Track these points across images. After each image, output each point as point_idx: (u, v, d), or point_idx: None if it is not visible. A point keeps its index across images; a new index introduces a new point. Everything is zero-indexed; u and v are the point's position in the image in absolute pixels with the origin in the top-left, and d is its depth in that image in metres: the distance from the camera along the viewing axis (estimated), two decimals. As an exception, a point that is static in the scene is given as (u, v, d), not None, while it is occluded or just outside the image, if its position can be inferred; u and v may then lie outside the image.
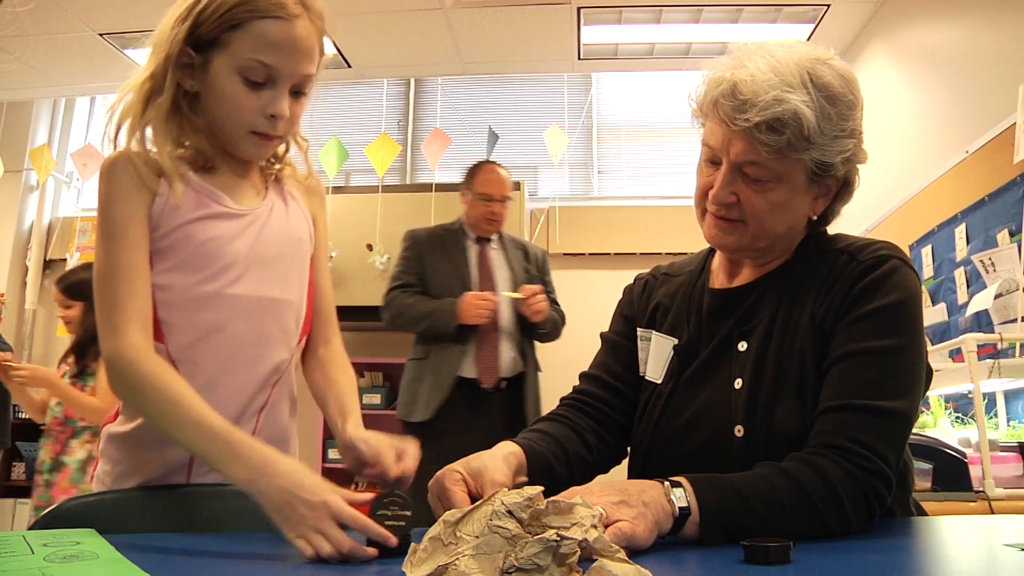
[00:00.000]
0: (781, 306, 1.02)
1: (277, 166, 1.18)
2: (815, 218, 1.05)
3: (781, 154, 0.95)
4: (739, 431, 0.98)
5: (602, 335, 1.24)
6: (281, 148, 1.17)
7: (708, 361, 1.06)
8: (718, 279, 1.13)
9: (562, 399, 1.19)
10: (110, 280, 1.00)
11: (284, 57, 1.03)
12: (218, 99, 1.04)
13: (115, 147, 1.07)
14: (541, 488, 0.57)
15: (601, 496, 0.79)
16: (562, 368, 4.83)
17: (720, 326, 1.07)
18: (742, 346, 1.03)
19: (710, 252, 1.17)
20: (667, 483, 0.83)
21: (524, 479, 0.98)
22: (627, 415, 1.14)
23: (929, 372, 1.01)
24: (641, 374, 1.14)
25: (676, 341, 1.10)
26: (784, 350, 0.99)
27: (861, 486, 0.86)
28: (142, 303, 1.01)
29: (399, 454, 0.99)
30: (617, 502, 0.78)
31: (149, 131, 1.06)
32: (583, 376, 1.21)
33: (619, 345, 1.19)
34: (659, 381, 1.10)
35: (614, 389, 1.16)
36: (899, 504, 1.03)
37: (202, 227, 1.06)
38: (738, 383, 1.01)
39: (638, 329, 1.16)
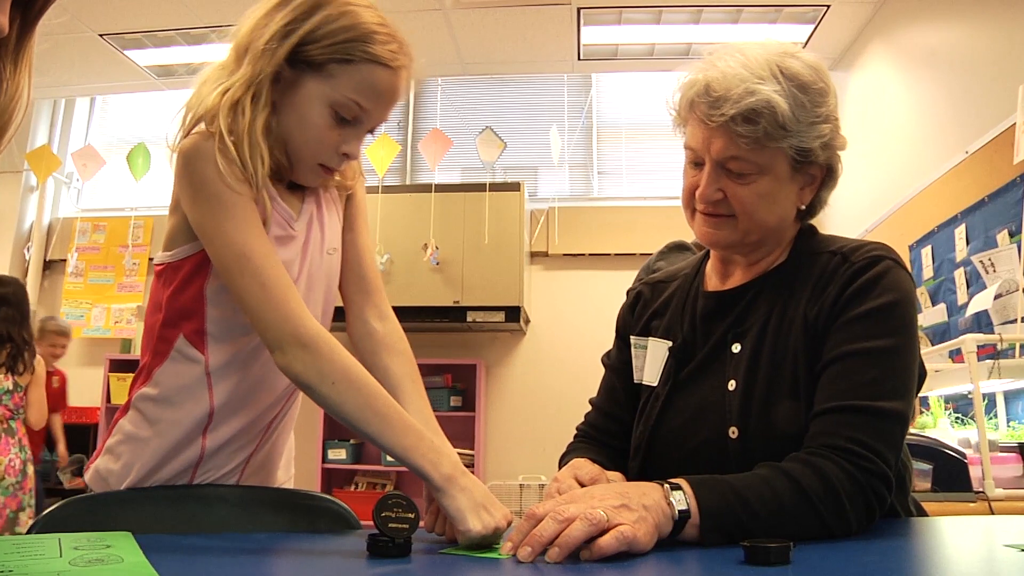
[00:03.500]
0: (774, 308, 1.03)
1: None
2: (804, 208, 1.06)
3: (759, 144, 0.97)
4: (733, 432, 0.99)
5: (604, 361, 1.24)
6: None
7: (703, 363, 1.06)
8: (711, 282, 1.13)
9: (577, 431, 1.21)
10: (256, 262, 0.95)
11: (380, 105, 1.02)
12: (300, 123, 1.01)
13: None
14: None
15: (602, 500, 0.79)
16: (560, 366, 4.85)
17: (714, 328, 1.07)
18: (736, 348, 1.03)
19: (705, 257, 1.18)
20: (667, 485, 0.83)
21: None
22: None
23: (923, 373, 1.01)
24: (636, 381, 1.14)
25: (671, 344, 1.11)
26: (777, 351, 1.00)
27: (862, 487, 0.86)
28: (295, 290, 0.97)
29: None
30: (618, 506, 0.78)
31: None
32: (594, 407, 1.21)
33: (619, 370, 1.19)
34: (655, 384, 1.10)
35: (620, 420, 1.16)
36: (898, 505, 1.03)
37: None
38: (732, 384, 1.01)
39: (632, 338, 1.16)
